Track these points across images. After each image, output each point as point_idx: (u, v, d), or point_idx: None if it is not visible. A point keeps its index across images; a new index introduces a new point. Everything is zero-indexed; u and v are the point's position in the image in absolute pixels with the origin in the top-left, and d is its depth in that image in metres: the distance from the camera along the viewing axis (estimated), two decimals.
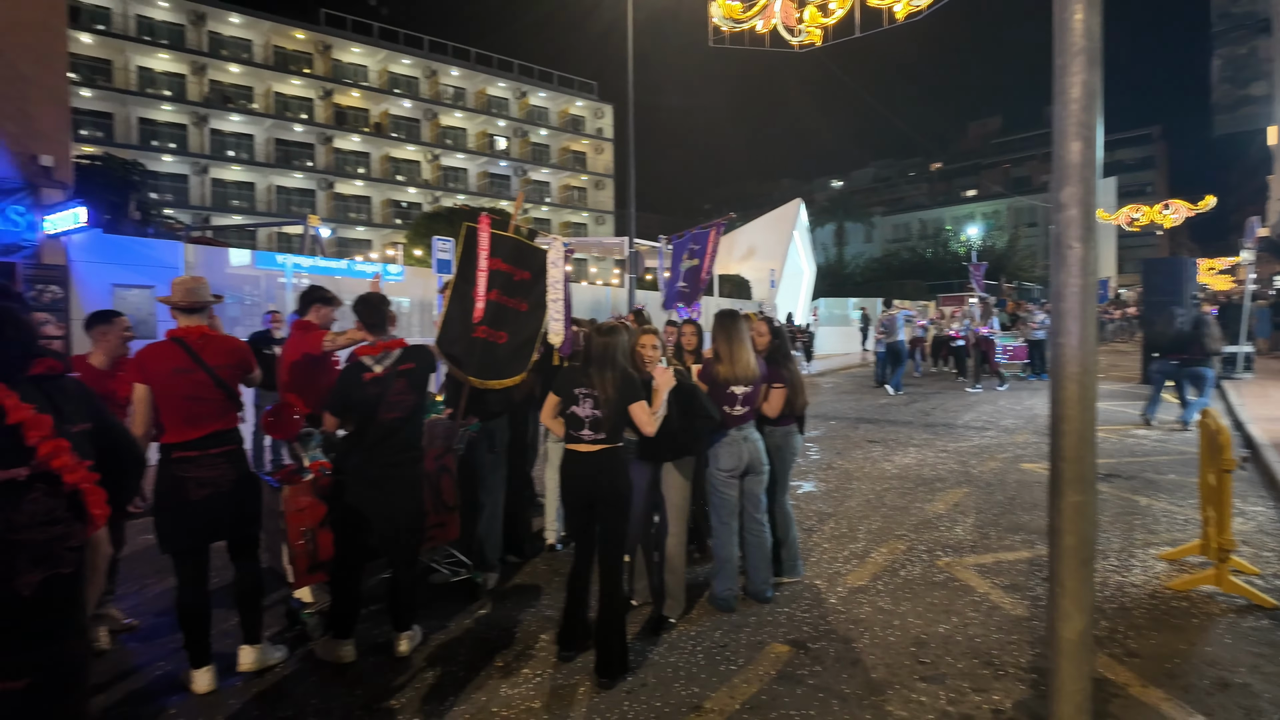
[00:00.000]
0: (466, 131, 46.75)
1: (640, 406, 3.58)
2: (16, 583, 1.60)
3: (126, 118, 35.04)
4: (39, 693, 1.63)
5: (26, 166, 7.74)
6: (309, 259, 13.40)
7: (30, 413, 1.66)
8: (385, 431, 3.65)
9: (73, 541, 1.71)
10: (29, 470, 1.64)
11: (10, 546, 1.61)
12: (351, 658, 3.63)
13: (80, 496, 1.71)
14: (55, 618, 1.68)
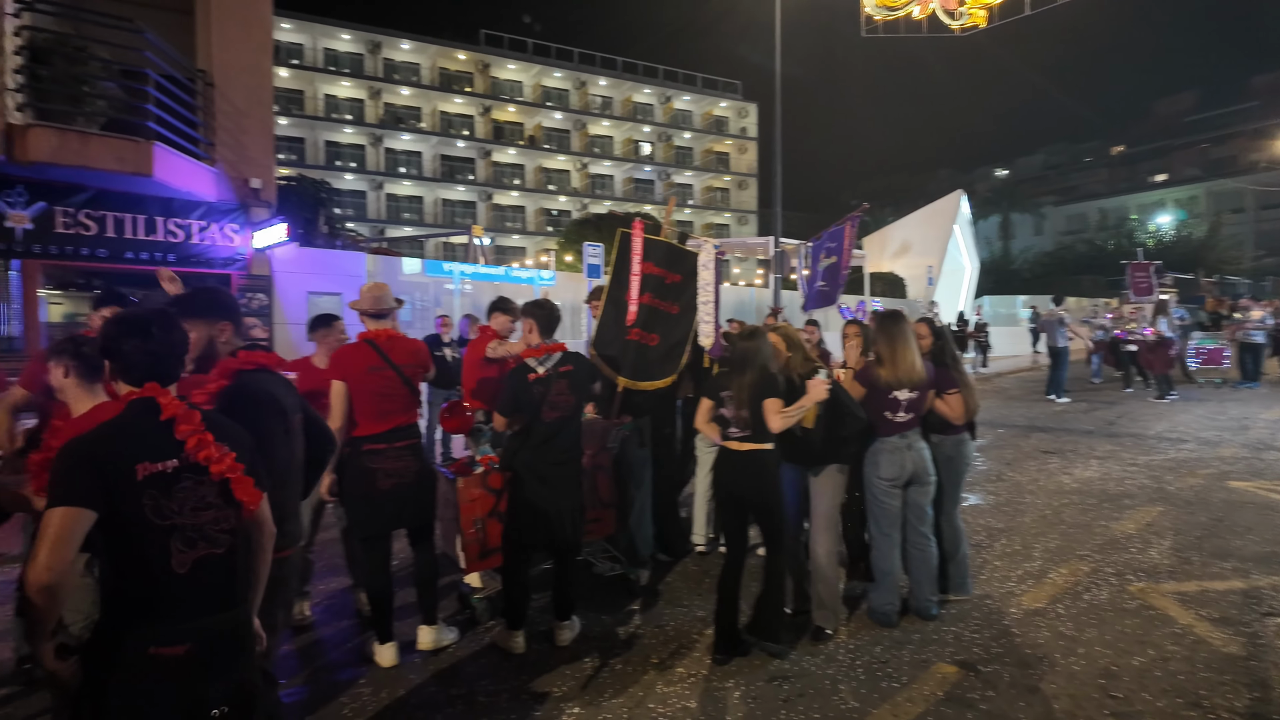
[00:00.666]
0: (613, 139, 48.03)
1: (772, 403, 3.56)
2: (172, 561, 1.78)
3: (315, 141, 39.09)
4: (200, 658, 1.80)
5: (239, 189, 8.82)
6: (471, 266, 14.31)
7: (181, 409, 1.86)
8: (548, 431, 3.83)
9: (224, 525, 1.88)
10: (177, 462, 1.82)
11: (165, 530, 1.78)
12: (522, 649, 3.81)
13: (229, 485, 1.88)
14: (211, 592, 1.85)
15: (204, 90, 8.51)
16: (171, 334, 1.95)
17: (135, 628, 1.76)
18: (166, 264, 8.27)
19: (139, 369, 1.88)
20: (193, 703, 1.80)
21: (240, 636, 1.94)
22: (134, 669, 1.74)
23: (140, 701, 1.75)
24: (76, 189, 7.55)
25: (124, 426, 1.83)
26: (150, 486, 1.76)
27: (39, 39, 7.01)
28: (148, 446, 1.79)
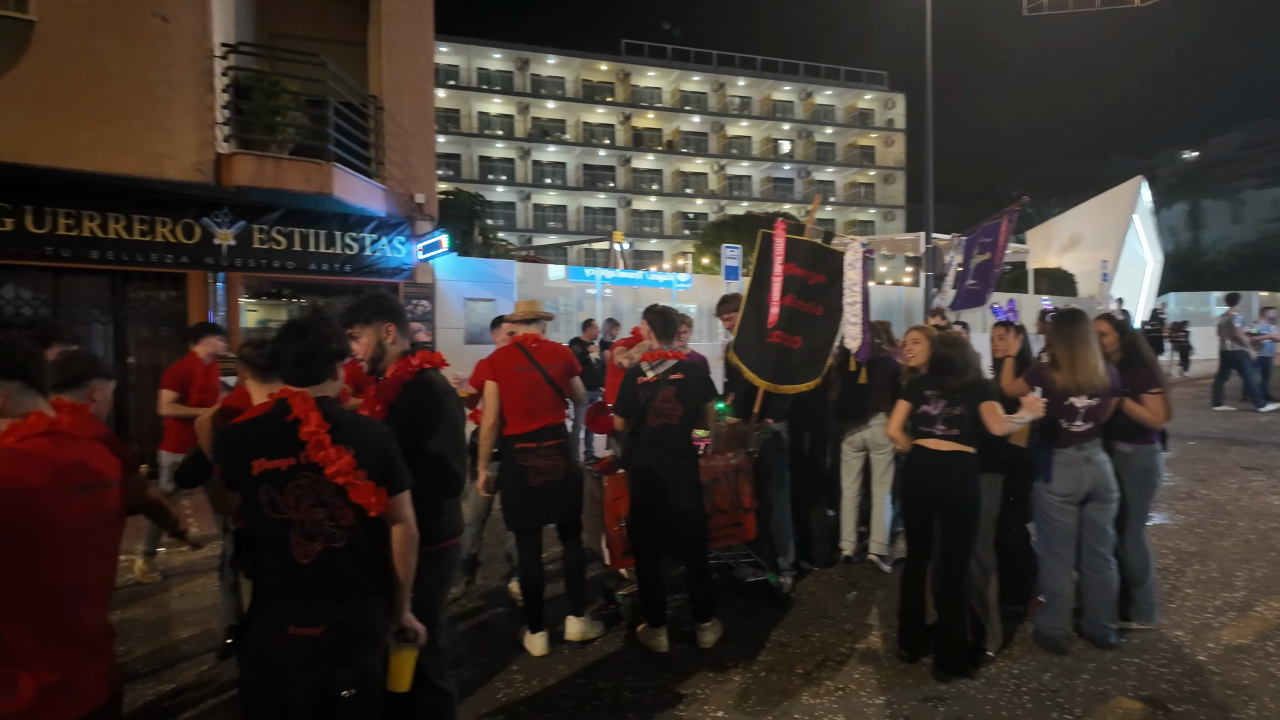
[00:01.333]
0: (751, 139, 47.55)
1: (990, 406, 3.48)
2: (294, 554, 1.93)
3: (470, 157, 41.63)
4: (332, 640, 1.95)
5: (405, 205, 9.55)
6: (611, 271, 14.65)
7: (306, 410, 1.97)
8: (653, 437, 3.87)
9: (342, 522, 1.97)
10: (293, 461, 1.93)
11: (283, 525, 1.93)
12: (664, 647, 3.85)
13: (345, 487, 1.95)
14: (336, 582, 1.97)
15: (375, 114, 9.29)
16: (316, 340, 2.07)
17: (277, 606, 1.96)
18: (344, 274, 9.11)
19: (283, 369, 2.06)
20: (324, 681, 1.93)
21: (368, 625, 2.03)
22: (278, 645, 1.93)
23: (281, 676, 1.93)
24: (270, 208, 8.48)
25: (251, 425, 2.01)
26: (265, 481, 1.92)
27: (241, 77, 7.95)
28: (268, 444, 1.94)
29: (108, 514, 1.71)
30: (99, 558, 1.69)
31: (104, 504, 1.69)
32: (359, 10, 9.81)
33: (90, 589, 1.66)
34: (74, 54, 6.82)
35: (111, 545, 1.76)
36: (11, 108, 6.54)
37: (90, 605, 1.66)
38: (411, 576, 2.16)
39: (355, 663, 1.99)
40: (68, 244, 7.44)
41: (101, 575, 1.71)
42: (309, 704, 1.93)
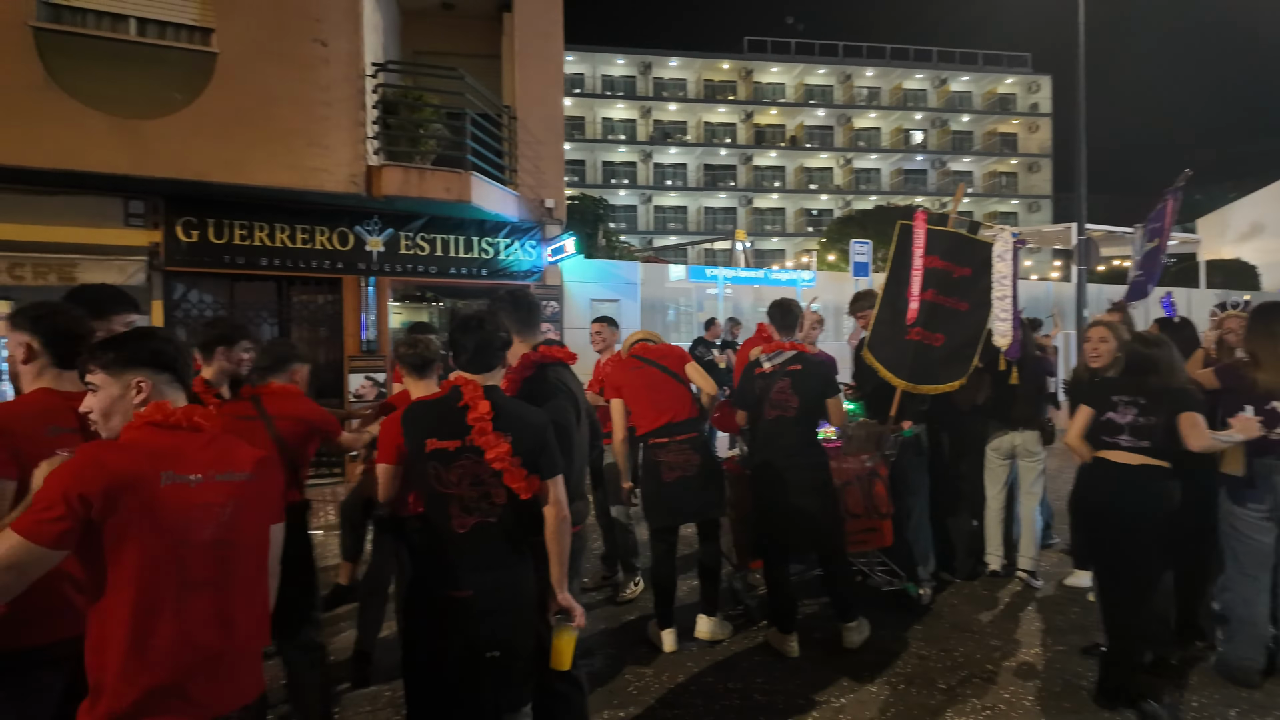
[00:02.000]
0: (880, 131, 45.75)
1: (1191, 418, 3.06)
2: (452, 524, 2.14)
3: (594, 162, 42.63)
4: (481, 605, 2.13)
5: (535, 210, 9.90)
6: (732, 270, 14.52)
7: (474, 398, 2.17)
8: (770, 430, 3.77)
9: (496, 500, 2.16)
10: (459, 443, 2.15)
11: (446, 498, 2.14)
12: (795, 653, 3.76)
13: (500, 473, 2.15)
14: (487, 552, 2.16)
15: (509, 123, 9.69)
16: (490, 332, 2.30)
17: (435, 571, 2.18)
18: (479, 278, 9.56)
19: (463, 358, 2.27)
20: (472, 640, 2.13)
21: (512, 593, 2.20)
22: (434, 605, 2.16)
23: (436, 632, 2.15)
24: (414, 216, 9.04)
25: (430, 407, 2.25)
26: (434, 459, 2.15)
27: (388, 94, 8.52)
28: (440, 426, 2.17)
29: (216, 506, 1.63)
30: (225, 550, 1.64)
31: (208, 496, 1.62)
32: (493, 25, 10.27)
33: (217, 583, 1.61)
34: (247, 81, 7.54)
35: (242, 539, 1.69)
36: (198, 132, 7.32)
37: (223, 599, 1.62)
38: (566, 556, 2.30)
39: (500, 627, 2.16)
40: (241, 252, 8.25)
41: (234, 570, 1.66)
42: (459, 662, 2.13)
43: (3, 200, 7.21)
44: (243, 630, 1.66)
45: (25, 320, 2.03)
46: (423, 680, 2.22)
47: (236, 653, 1.64)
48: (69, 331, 2.05)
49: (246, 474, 1.71)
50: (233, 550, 1.65)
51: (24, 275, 7.07)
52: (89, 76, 6.98)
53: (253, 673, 1.70)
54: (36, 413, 1.98)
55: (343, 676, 3.53)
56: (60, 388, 2.04)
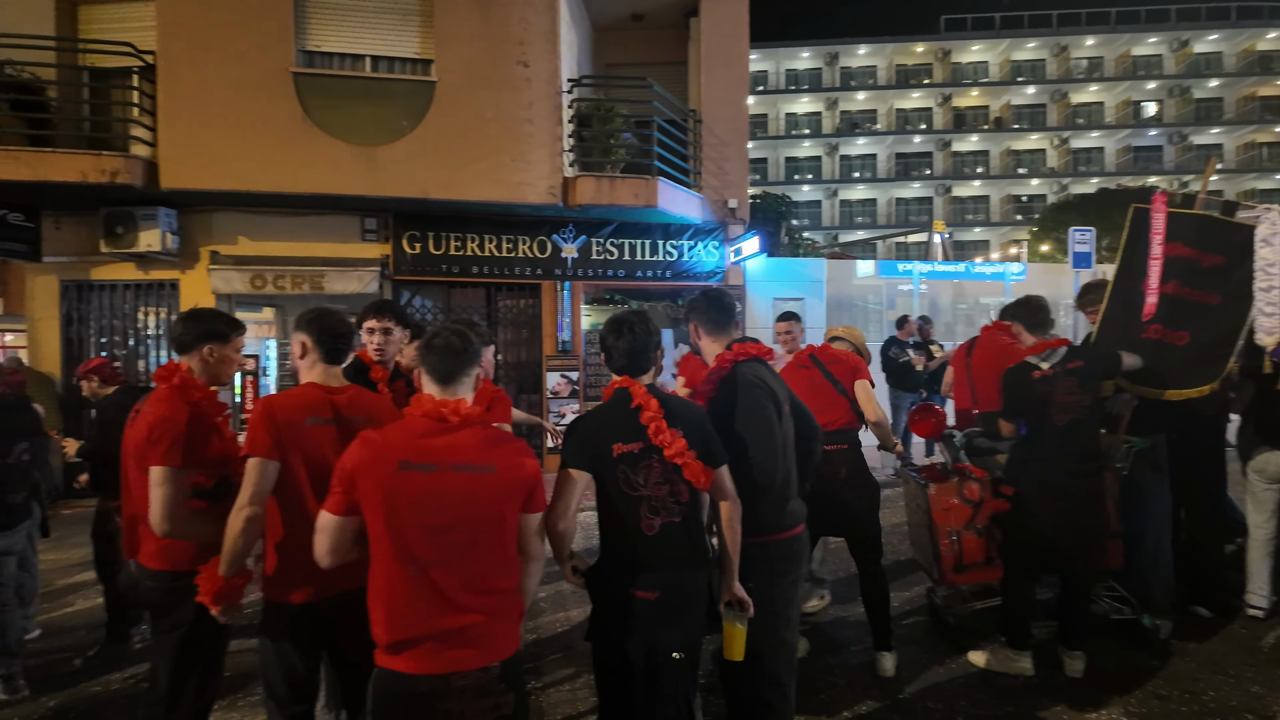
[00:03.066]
0: (1103, 105, 40.67)
1: None
2: (643, 525, 2.19)
3: (777, 159, 42.00)
4: (665, 605, 2.18)
5: (719, 210, 9.96)
6: (928, 265, 13.66)
7: (645, 398, 2.23)
8: (1059, 436, 3.45)
9: (681, 498, 2.23)
10: (641, 444, 2.20)
11: (637, 500, 2.19)
12: (1030, 672, 3.51)
13: (680, 467, 2.20)
14: (675, 552, 2.21)
15: (694, 127, 9.85)
16: (644, 334, 2.33)
17: (623, 572, 2.22)
18: (664, 280, 9.81)
19: (618, 361, 2.33)
20: (657, 640, 2.17)
21: (694, 593, 2.25)
22: (621, 605, 2.20)
23: (622, 631, 2.19)
24: (605, 223, 9.47)
25: (606, 412, 2.29)
26: (622, 462, 2.20)
27: (582, 108, 9.00)
28: (621, 429, 2.22)
29: (446, 493, 1.84)
30: (448, 535, 1.85)
31: (439, 484, 1.84)
32: (681, 33, 10.50)
33: (440, 563, 1.83)
34: (462, 106, 8.32)
35: (463, 524, 1.86)
36: (421, 154, 8.20)
37: (449, 575, 1.84)
38: (738, 548, 2.33)
39: (683, 627, 2.21)
40: (456, 262, 9.11)
41: (460, 551, 1.86)
42: (643, 660, 2.18)
43: (269, 221, 8.56)
44: (478, 602, 1.87)
45: (302, 322, 2.39)
46: (612, 679, 2.26)
47: (474, 621, 1.86)
48: (335, 331, 2.39)
49: (484, 466, 1.90)
50: (458, 534, 1.86)
51: (284, 285, 8.33)
52: (335, 111, 8.07)
53: (496, 639, 1.89)
54: (300, 405, 2.30)
55: None
56: (327, 383, 2.38)
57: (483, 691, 1.83)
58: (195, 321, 2.57)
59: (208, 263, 8.37)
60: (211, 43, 7.79)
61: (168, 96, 7.76)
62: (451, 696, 1.80)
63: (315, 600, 2.23)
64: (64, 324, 8.51)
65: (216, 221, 8.50)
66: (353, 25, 8.36)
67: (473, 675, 1.83)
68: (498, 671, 1.86)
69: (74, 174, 7.35)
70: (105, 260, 8.35)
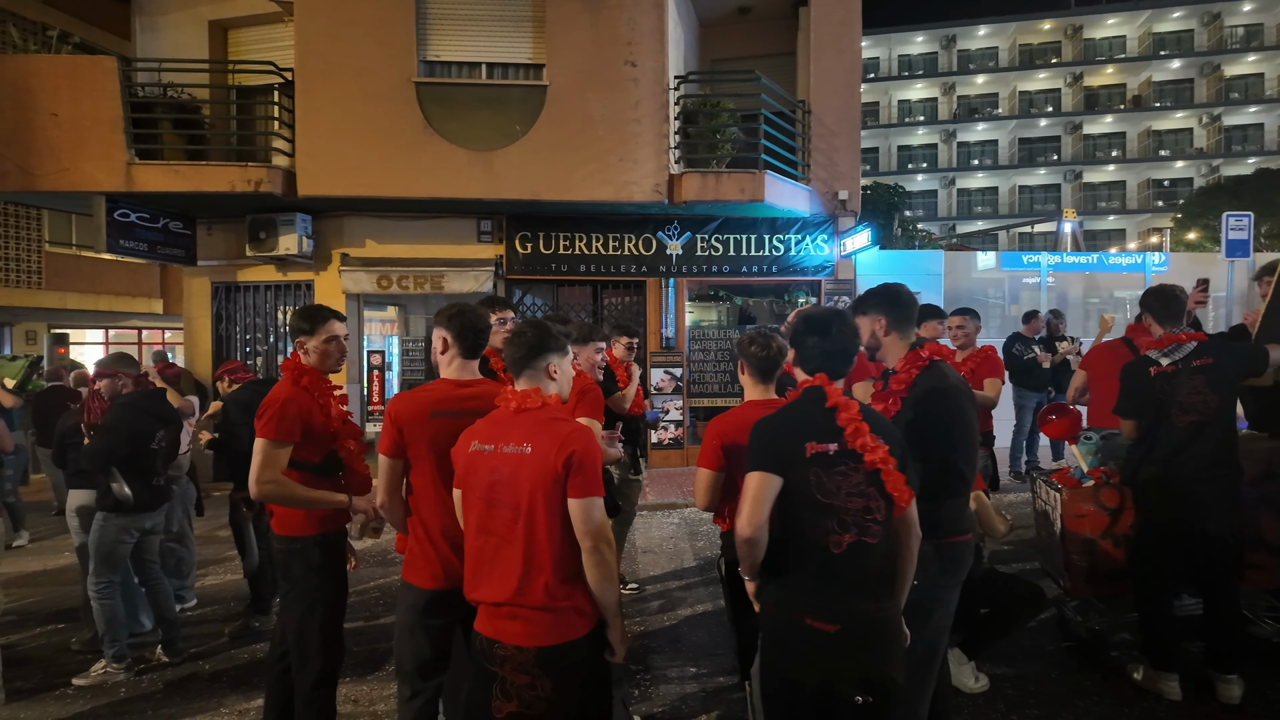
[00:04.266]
0: (1263, 77, 36.62)
1: None
2: (829, 540, 1.93)
3: (889, 148, 40.43)
4: (848, 640, 1.92)
5: (829, 203, 9.70)
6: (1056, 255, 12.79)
7: (842, 399, 2.02)
8: (1179, 439, 3.18)
9: (876, 515, 1.95)
10: (837, 446, 1.96)
11: (825, 508, 1.94)
12: (1177, 695, 3.26)
13: (879, 476, 1.95)
14: (863, 578, 1.94)
15: (802, 118, 9.64)
16: (844, 334, 2.15)
17: (795, 594, 1.98)
18: (770, 275, 9.67)
19: (813, 361, 2.12)
20: (836, 680, 1.92)
21: (887, 629, 1.98)
22: (792, 633, 1.97)
23: (792, 663, 1.97)
24: (710, 219, 9.44)
25: (798, 410, 2.07)
26: (815, 464, 1.95)
27: (688, 104, 8.99)
28: (815, 429, 1.99)
29: (498, 471, 2.00)
30: (498, 510, 2.01)
31: (495, 463, 2.01)
32: (789, 23, 10.29)
33: (497, 536, 2.00)
34: (572, 108, 8.51)
35: (508, 501, 1.99)
36: (533, 157, 8.45)
37: (506, 550, 1.99)
38: (908, 582, 2.11)
39: (872, 667, 1.93)
40: (564, 261, 9.34)
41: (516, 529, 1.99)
42: (819, 698, 1.94)
43: (393, 225, 9.08)
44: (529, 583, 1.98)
45: (443, 318, 2.54)
46: (780, 711, 2.03)
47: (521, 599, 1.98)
48: (474, 327, 2.52)
49: (524, 447, 2.00)
50: (503, 510, 2.01)
51: (408, 285, 8.81)
52: (453, 118, 8.45)
53: (538, 624, 1.95)
54: (427, 401, 2.45)
55: None
56: (461, 377, 2.52)
57: (521, 668, 1.93)
58: (293, 318, 2.88)
59: (339, 264, 8.97)
60: (342, 58, 8.34)
61: (304, 110, 8.37)
62: (496, 661, 1.96)
63: (445, 588, 2.38)
64: (214, 322, 9.36)
65: (347, 226, 9.10)
66: (469, 34, 8.72)
67: (510, 649, 1.94)
68: (533, 656, 1.92)
69: (224, 184, 8.06)
70: (250, 263, 9.13)
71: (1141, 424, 3.35)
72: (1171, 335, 3.31)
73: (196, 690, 3.75)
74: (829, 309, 2.26)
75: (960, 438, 2.37)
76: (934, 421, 2.34)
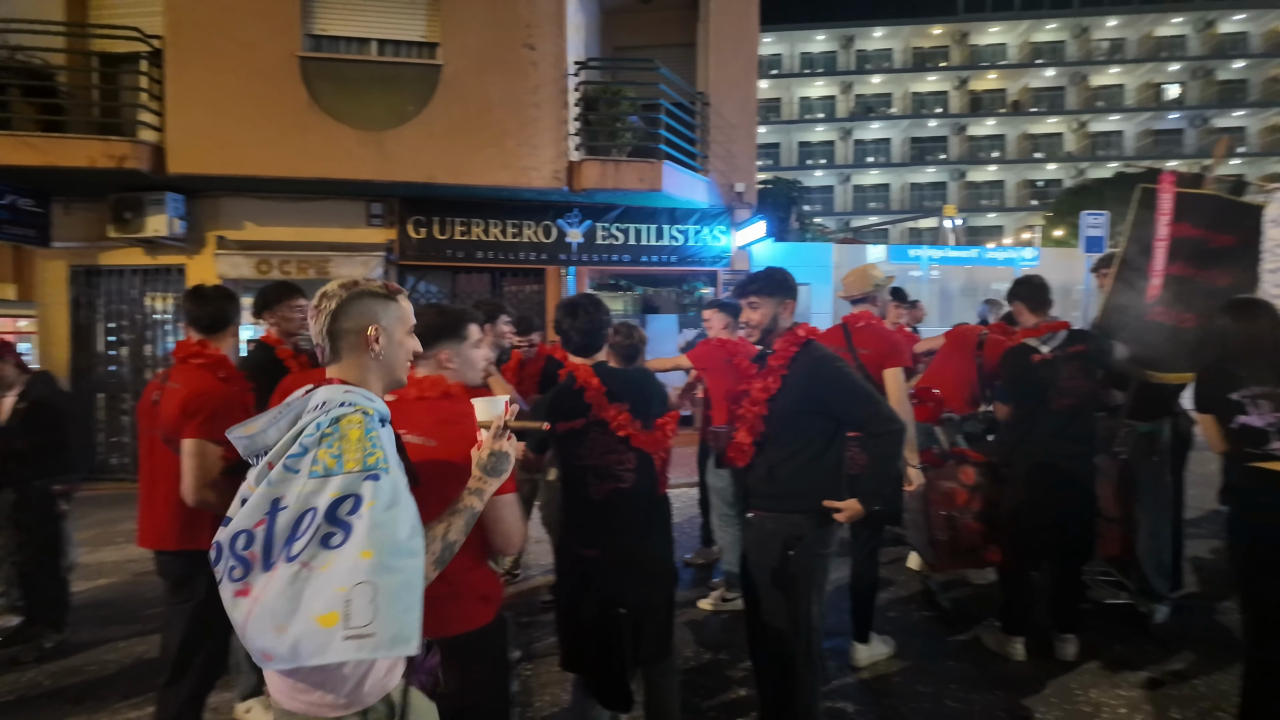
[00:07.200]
0: (1124, 88, 39.93)
1: None
2: (589, 491, 2.40)
3: (790, 144, 41.61)
4: (608, 563, 2.36)
5: (726, 194, 9.88)
6: (940, 250, 13.54)
7: (587, 378, 2.42)
8: (1058, 421, 3.42)
9: (629, 465, 2.41)
10: (584, 420, 2.39)
11: (582, 470, 2.40)
12: (1021, 656, 3.52)
13: (628, 437, 2.40)
14: (620, 516, 2.41)
15: (701, 110, 9.76)
16: (593, 316, 2.52)
17: (573, 532, 2.47)
18: (670, 265, 9.76)
19: (571, 343, 2.52)
20: (602, 596, 2.33)
21: (643, 558, 2.43)
22: (569, 560, 2.48)
23: (570, 583, 2.47)
24: (610, 208, 9.42)
25: (557, 393, 2.50)
26: (568, 439, 2.41)
27: (589, 91, 8.93)
28: (566, 409, 2.42)
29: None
30: None
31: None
32: (690, 14, 10.37)
33: None
34: (469, 89, 8.28)
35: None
36: (428, 139, 8.18)
37: None
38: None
39: (625, 587, 2.36)
40: (461, 247, 9.11)
41: None
42: (596, 618, 2.33)
43: (276, 207, 8.59)
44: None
45: None
46: (568, 628, 2.49)
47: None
48: None
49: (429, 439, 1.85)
50: None
51: (290, 270, 8.35)
52: (342, 96, 8.06)
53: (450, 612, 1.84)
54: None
55: None
56: None
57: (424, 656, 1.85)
58: (222, 301, 2.68)
59: (214, 248, 8.42)
60: (221, 29, 7.79)
61: (176, 82, 7.78)
62: None
63: None
64: (72, 309, 8.59)
65: (224, 207, 8.54)
66: (359, 9, 8.33)
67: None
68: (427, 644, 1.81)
69: (82, 159, 7.40)
70: (113, 245, 8.42)
71: (1019, 408, 3.57)
72: (1047, 324, 3.54)
73: None
74: (584, 295, 2.63)
75: (853, 392, 2.46)
76: (822, 388, 2.45)
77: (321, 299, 1.51)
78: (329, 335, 1.50)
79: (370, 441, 1.32)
